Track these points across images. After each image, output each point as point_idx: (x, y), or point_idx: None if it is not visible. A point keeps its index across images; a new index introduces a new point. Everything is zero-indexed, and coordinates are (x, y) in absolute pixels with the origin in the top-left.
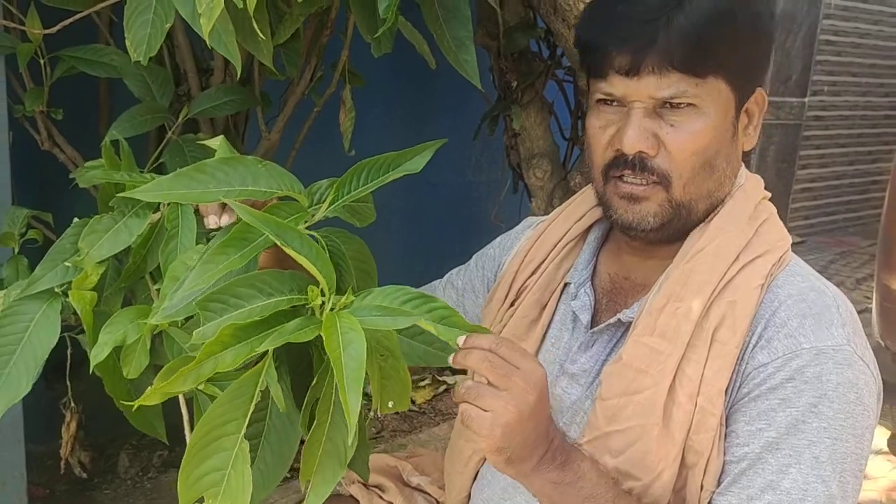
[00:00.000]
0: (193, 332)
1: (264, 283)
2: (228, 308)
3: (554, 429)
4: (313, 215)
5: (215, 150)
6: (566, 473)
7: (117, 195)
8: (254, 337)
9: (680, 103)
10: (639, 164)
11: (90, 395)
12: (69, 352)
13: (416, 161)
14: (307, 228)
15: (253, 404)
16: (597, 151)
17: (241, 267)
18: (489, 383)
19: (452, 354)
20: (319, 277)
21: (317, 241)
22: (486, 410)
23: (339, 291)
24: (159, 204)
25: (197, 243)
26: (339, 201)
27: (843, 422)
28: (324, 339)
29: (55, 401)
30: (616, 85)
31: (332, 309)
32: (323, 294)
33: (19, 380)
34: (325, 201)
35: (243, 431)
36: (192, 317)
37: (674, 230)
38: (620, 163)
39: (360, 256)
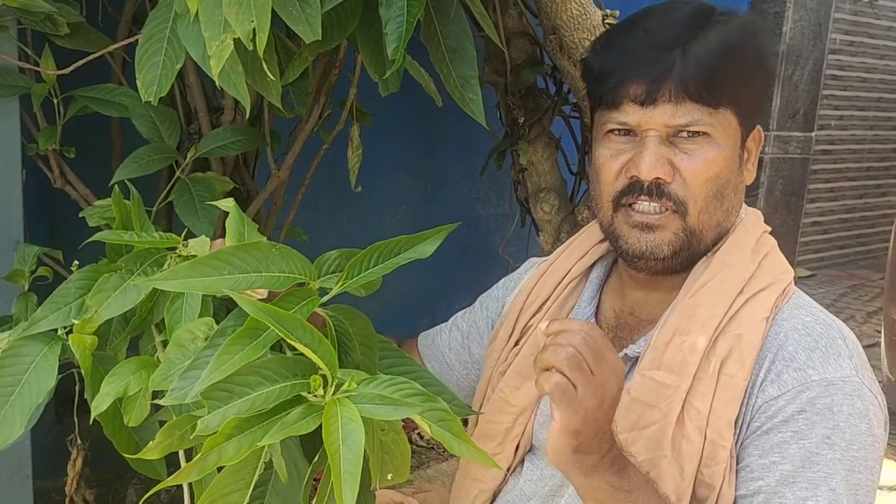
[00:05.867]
0: (198, 422)
1: (268, 369)
2: (233, 396)
3: (615, 434)
4: (322, 295)
5: (225, 186)
6: (623, 480)
7: (125, 255)
8: (256, 427)
9: (695, 131)
10: (655, 190)
11: (98, 430)
12: (77, 387)
13: (427, 245)
14: None
15: (257, 475)
16: (607, 180)
17: None
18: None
19: (547, 322)
20: (322, 365)
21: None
22: (575, 387)
23: (343, 366)
24: (166, 259)
25: (203, 302)
26: (350, 282)
27: (856, 452)
28: (323, 429)
29: (63, 436)
30: (631, 114)
31: (335, 391)
32: (325, 382)
33: (14, 421)
34: (336, 281)
35: (246, 501)
36: None
37: (682, 260)
38: (636, 189)
39: (364, 333)
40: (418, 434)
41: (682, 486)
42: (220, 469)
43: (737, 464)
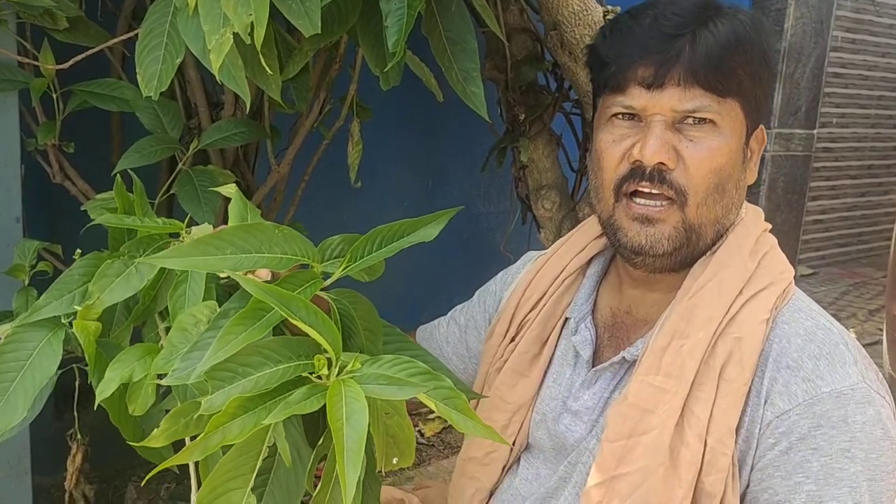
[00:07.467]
0: (202, 402)
1: (272, 349)
2: (237, 377)
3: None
4: (325, 279)
5: (227, 179)
6: None
7: (128, 241)
8: (260, 407)
9: (702, 118)
10: (657, 175)
11: (98, 426)
12: (77, 382)
13: (430, 229)
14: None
15: (261, 460)
16: (608, 166)
17: None
18: None
19: None
20: (326, 345)
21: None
22: None
23: (347, 350)
24: (169, 246)
25: (206, 288)
26: (352, 266)
27: (876, 460)
28: (327, 408)
29: (62, 432)
30: (637, 97)
31: (338, 373)
32: (329, 363)
33: (16, 406)
34: (339, 266)
35: (251, 486)
36: None
37: (681, 258)
38: (637, 174)
39: (368, 317)
40: (419, 432)
41: (681, 495)
42: (224, 452)
43: (747, 483)
